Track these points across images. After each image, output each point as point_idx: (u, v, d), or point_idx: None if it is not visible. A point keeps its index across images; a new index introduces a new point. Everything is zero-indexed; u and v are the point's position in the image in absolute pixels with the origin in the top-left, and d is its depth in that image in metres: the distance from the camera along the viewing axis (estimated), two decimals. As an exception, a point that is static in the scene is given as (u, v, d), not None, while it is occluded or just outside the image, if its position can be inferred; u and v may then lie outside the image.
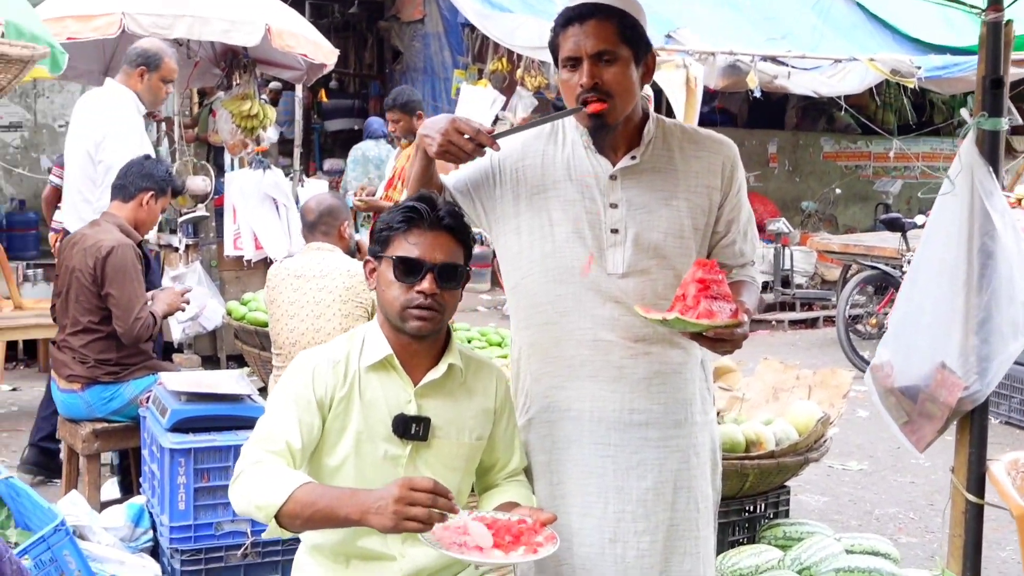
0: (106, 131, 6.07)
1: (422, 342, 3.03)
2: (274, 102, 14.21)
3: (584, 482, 3.20)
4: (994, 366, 2.67)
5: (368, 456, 2.99)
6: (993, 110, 2.82)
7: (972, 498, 2.83)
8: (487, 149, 3.01)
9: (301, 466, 2.91)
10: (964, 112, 2.94)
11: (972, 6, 3.06)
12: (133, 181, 5.39)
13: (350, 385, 3.00)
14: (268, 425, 2.95)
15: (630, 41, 3.04)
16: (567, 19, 3.04)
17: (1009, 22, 2.89)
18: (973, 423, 2.83)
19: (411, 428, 3.01)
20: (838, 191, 15.01)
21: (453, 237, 3.01)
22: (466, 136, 2.95)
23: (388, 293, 2.98)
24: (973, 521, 2.86)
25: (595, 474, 3.19)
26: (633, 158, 3.13)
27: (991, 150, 2.82)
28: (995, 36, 2.84)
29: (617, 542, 3.18)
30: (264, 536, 2.92)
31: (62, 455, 5.71)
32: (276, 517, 2.73)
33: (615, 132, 3.12)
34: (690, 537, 3.23)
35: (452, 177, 3.31)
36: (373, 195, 8.17)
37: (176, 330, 8.54)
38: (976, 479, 2.84)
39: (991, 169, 2.78)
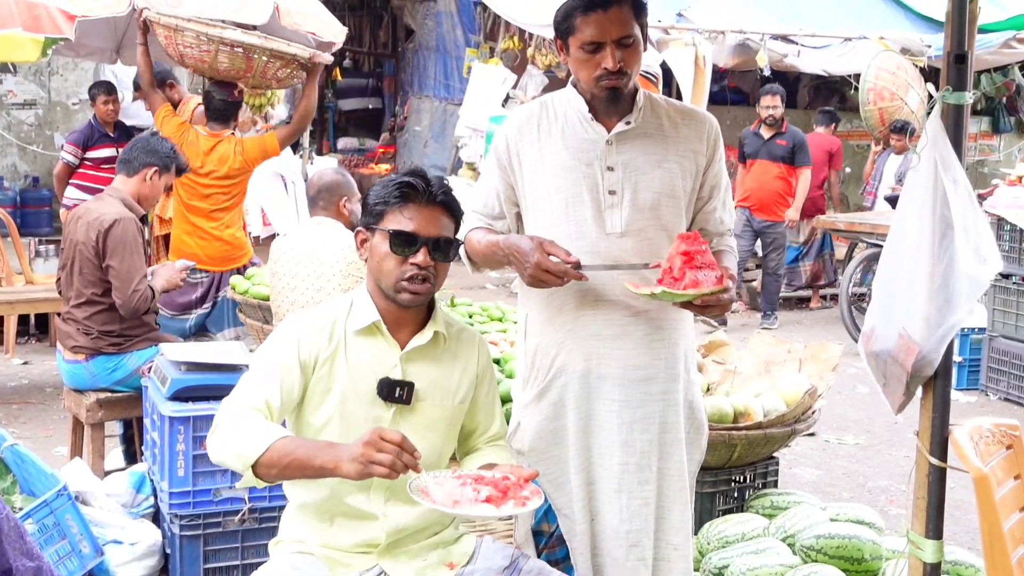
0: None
1: (410, 309, 3.15)
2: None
3: (591, 437, 3.39)
4: (941, 332, 2.77)
5: (353, 417, 3.11)
6: (957, 84, 2.91)
7: (935, 461, 2.92)
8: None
9: (278, 423, 3.02)
10: (930, 87, 3.03)
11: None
12: (137, 156, 5.47)
13: (335, 347, 3.12)
14: (250, 383, 3.07)
15: (639, 19, 3.27)
16: (589, 5, 3.22)
17: (974, -1, 2.96)
18: (936, 389, 2.92)
19: (395, 392, 3.13)
20: (848, 170, 14.98)
21: (446, 212, 3.15)
22: (553, 273, 3.14)
23: (383, 265, 3.10)
24: (936, 484, 2.94)
25: (602, 428, 3.38)
26: (628, 123, 3.34)
27: (955, 123, 2.90)
28: (960, 12, 2.92)
29: (622, 492, 3.38)
30: (238, 485, 3.00)
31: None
32: (253, 466, 2.85)
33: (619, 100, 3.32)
34: (681, 487, 3.45)
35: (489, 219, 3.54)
36: None
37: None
38: (939, 443, 2.92)
39: (953, 142, 2.86)
